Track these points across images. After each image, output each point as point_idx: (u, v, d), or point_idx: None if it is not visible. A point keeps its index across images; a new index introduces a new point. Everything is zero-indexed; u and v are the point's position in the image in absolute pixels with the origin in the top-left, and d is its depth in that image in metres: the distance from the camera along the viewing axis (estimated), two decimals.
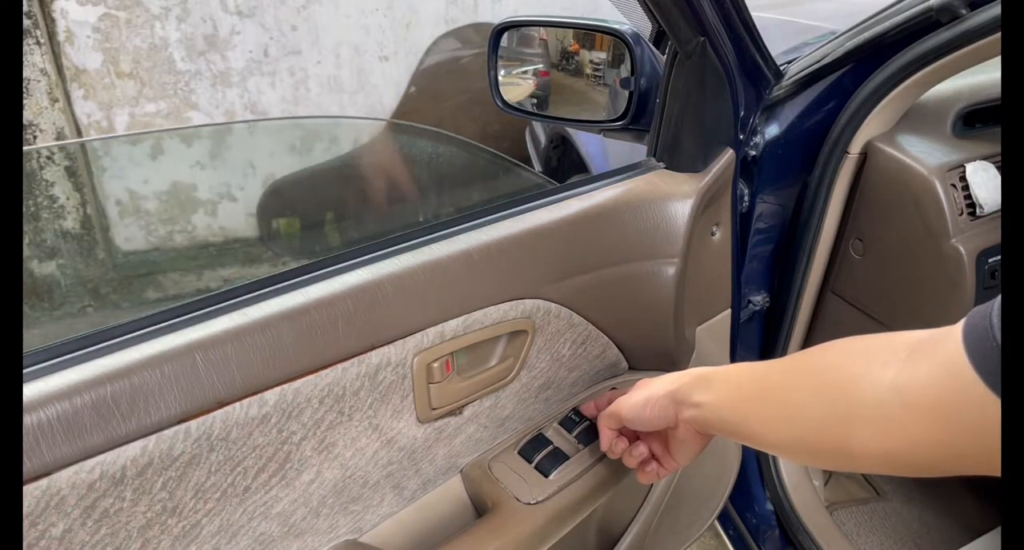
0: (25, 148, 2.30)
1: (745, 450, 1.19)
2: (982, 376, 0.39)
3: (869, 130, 0.97)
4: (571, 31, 1.02)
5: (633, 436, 0.78)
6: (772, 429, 0.57)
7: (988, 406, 0.39)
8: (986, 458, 0.40)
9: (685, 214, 0.84)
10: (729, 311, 1.04)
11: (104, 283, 2.55)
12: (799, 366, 0.58)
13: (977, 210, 0.95)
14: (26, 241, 2.38)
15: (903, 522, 1.32)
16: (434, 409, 0.72)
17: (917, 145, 0.97)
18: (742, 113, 0.91)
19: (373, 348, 0.64)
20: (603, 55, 0.98)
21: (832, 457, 0.53)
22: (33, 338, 0.52)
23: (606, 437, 0.77)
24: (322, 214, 1.83)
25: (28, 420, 0.48)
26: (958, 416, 0.42)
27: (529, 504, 0.77)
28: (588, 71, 1.01)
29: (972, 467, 0.43)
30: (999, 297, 0.41)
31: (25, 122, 2.32)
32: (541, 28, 1.07)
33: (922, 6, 0.86)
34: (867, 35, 0.91)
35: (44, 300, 2.41)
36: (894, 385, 0.46)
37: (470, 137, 1.77)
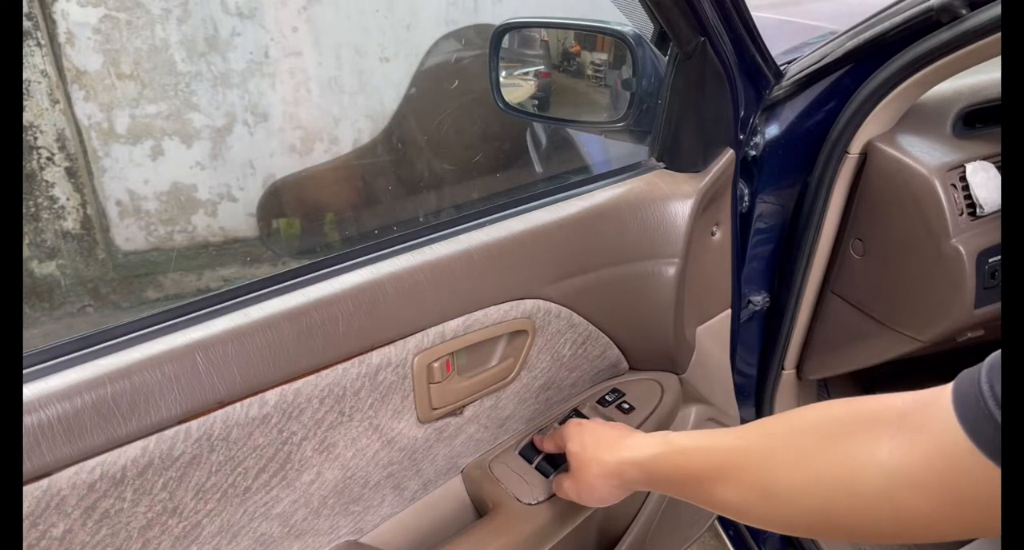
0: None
1: None
2: (979, 446, 0.39)
3: (869, 130, 0.97)
4: (572, 32, 1.02)
5: None
6: (753, 514, 0.55)
7: (991, 477, 0.38)
8: (996, 523, 0.39)
9: (685, 214, 0.84)
10: (729, 311, 1.04)
11: (104, 283, 2.55)
12: (774, 452, 0.53)
13: (977, 210, 0.95)
14: (26, 241, 2.38)
15: None
16: (434, 409, 0.72)
17: (917, 145, 0.97)
18: (742, 113, 0.91)
19: (373, 348, 0.64)
20: (604, 56, 0.98)
21: (832, 537, 0.52)
22: (33, 338, 0.52)
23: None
24: (322, 214, 1.83)
25: (28, 420, 0.48)
26: (963, 490, 0.41)
27: (530, 504, 0.77)
28: (589, 72, 1.01)
29: (984, 532, 0.43)
30: (986, 360, 0.40)
31: (26, 123, 2.31)
32: (542, 29, 1.07)
33: (922, 6, 0.86)
34: (867, 35, 0.91)
35: (44, 300, 2.41)
36: (892, 465, 0.44)
37: (470, 138, 1.77)
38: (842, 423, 0.50)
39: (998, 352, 0.40)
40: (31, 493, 0.48)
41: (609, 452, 0.68)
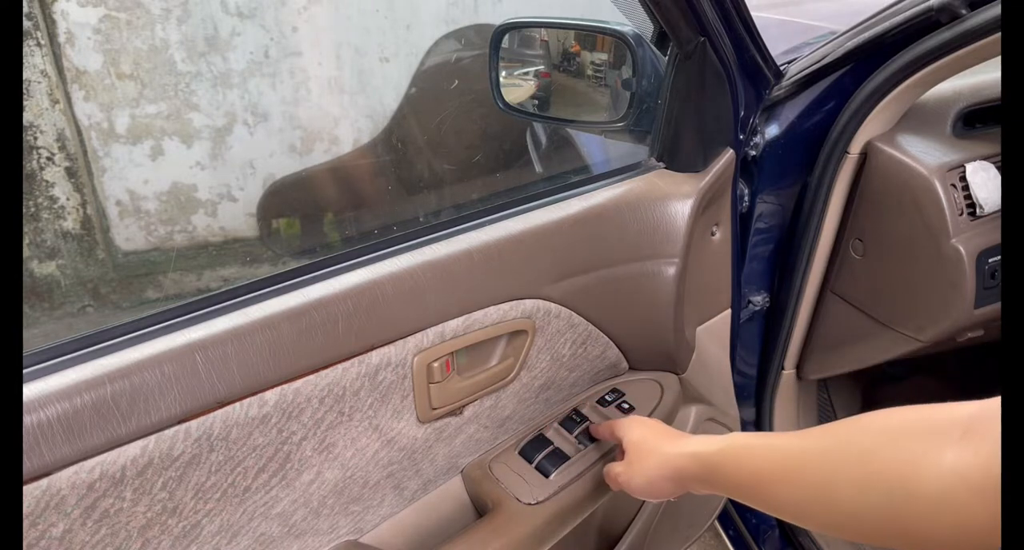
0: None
1: None
2: None
3: (869, 130, 0.97)
4: (572, 32, 1.02)
5: None
6: (809, 513, 0.54)
7: None
8: None
9: (685, 214, 0.84)
10: (729, 311, 1.04)
11: (104, 283, 2.55)
12: (835, 451, 0.53)
13: (977, 210, 0.95)
14: (26, 241, 2.38)
15: None
16: (434, 409, 0.72)
17: (917, 145, 0.97)
18: (742, 113, 0.91)
19: (373, 348, 0.64)
20: (604, 56, 0.98)
21: (889, 543, 0.50)
22: (33, 338, 0.52)
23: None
24: (322, 214, 1.83)
25: (28, 420, 0.48)
26: None
27: (530, 504, 0.77)
28: (589, 72, 1.01)
29: None
30: None
31: (26, 123, 2.31)
32: (542, 29, 1.07)
33: (922, 6, 0.86)
34: (867, 35, 0.91)
35: (44, 300, 2.41)
36: (955, 470, 0.43)
37: (470, 138, 1.77)
38: (906, 427, 0.49)
39: None
40: (31, 493, 0.48)
41: (671, 444, 0.68)
